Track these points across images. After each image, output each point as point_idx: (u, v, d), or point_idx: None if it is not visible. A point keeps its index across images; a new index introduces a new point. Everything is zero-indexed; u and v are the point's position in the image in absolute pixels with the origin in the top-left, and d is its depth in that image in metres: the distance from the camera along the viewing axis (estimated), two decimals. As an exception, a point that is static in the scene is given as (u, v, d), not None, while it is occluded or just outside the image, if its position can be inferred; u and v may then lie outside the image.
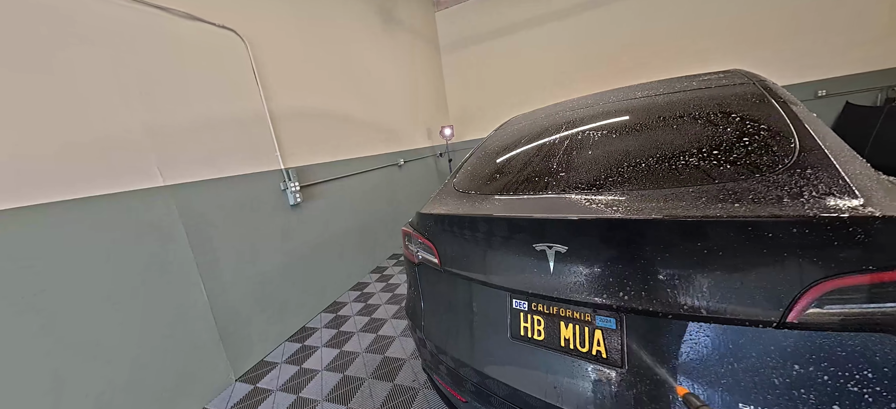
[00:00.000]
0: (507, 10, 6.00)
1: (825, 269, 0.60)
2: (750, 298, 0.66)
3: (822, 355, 0.63)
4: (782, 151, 0.84)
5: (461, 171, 1.46)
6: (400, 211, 4.68)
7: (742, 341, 0.68)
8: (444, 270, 1.15)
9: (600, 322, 0.82)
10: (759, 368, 0.67)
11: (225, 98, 2.31)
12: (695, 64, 5.03)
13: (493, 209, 1.04)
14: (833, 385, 0.62)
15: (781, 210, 0.66)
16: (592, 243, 0.81)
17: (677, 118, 1.09)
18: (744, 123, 0.97)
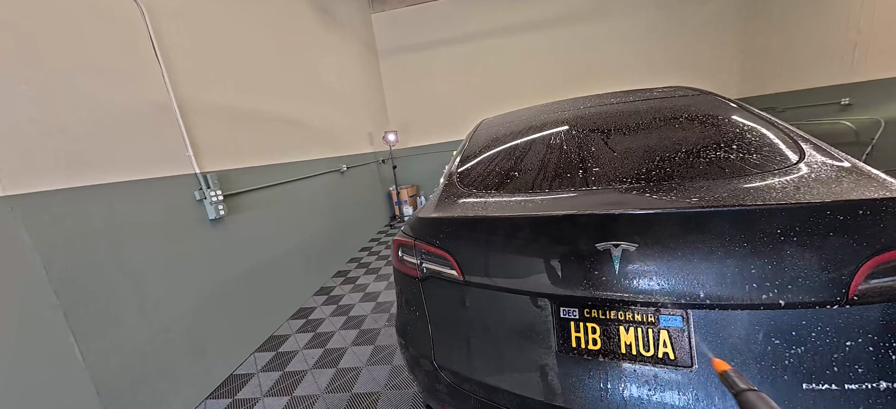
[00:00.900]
0: (447, 23, 6.12)
1: (875, 245, 0.65)
2: (816, 279, 0.67)
3: (881, 325, 0.66)
4: (792, 148, 0.94)
5: (464, 171, 1.30)
6: (345, 221, 4.21)
7: (805, 322, 0.69)
8: (466, 283, 0.97)
9: (665, 322, 0.77)
10: (823, 347, 0.68)
11: (108, 79, 1.68)
12: (624, 82, 5.85)
13: (531, 209, 0.92)
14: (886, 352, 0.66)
15: (828, 196, 0.70)
16: (666, 238, 0.75)
17: (686, 120, 1.17)
18: (745, 125, 1.09)
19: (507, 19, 5.98)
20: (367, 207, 5.09)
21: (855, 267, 0.65)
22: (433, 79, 6.37)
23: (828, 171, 0.82)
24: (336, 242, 3.91)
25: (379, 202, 5.66)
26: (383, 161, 5.83)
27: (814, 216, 0.68)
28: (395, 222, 5.74)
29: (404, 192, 5.90)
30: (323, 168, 3.79)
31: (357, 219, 4.64)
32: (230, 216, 2.32)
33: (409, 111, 6.56)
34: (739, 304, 0.71)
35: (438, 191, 1.29)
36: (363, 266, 3.85)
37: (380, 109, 6.27)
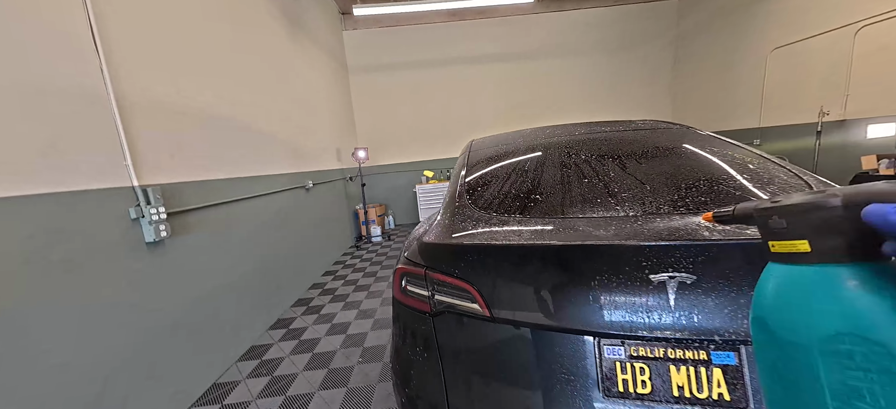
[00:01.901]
0: (417, 47, 6.22)
1: None
2: None
3: None
4: (792, 177, 1.01)
5: (476, 192, 1.19)
6: (308, 243, 3.84)
7: None
8: (493, 319, 0.85)
9: (718, 359, 0.72)
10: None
11: (25, 59, 1.33)
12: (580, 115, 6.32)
13: (571, 236, 0.84)
14: None
15: None
16: (724, 269, 0.71)
17: (691, 149, 1.20)
18: (746, 156, 1.15)
19: (475, 50, 6.27)
20: (331, 227, 4.74)
21: None
22: (403, 99, 6.36)
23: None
24: (297, 266, 3.53)
25: (344, 222, 5.32)
26: (351, 179, 5.53)
27: None
28: (362, 243, 5.41)
29: (372, 211, 5.62)
30: (286, 184, 3.45)
31: (321, 240, 4.28)
32: (174, 239, 1.95)
33: (378, 129, 6.41)
34: None
35: (444, 213, 1.16)
36: (328, 293, 3.50)
37: (348, 126, 6.03)
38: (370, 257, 4.65)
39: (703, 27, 5.70)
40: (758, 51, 4.80)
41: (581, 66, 6.38)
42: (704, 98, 5.86)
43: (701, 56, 5.84)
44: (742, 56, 5.06)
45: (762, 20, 4.71)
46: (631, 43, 6.35)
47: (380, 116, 6.37)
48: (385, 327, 2.65)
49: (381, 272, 3.96)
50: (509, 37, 6.25)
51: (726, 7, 5.22)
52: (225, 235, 2.42)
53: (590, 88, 6.44)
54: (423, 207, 6.15)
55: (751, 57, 4.92)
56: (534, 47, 6.29)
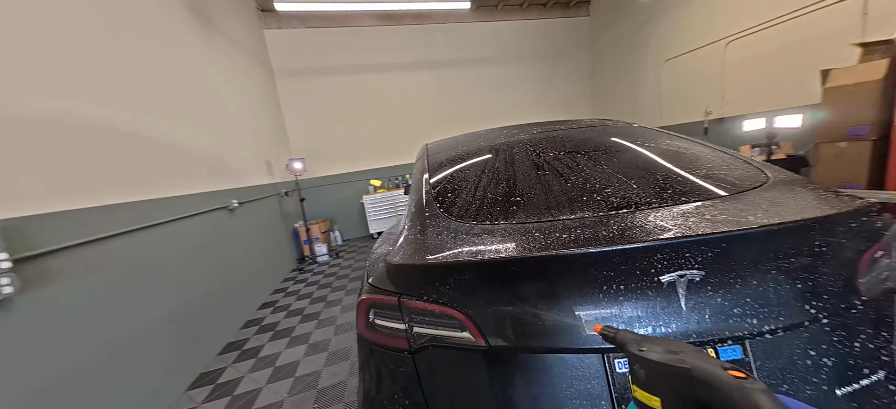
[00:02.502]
0: (353, 51, 5.92)
1: (870, 240, 0.74)
2: (839, 285, 0.71)
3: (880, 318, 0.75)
4: (752, 165, 1.06)
5: (448, 199, 1.05)
6: (237, 273, 3.25)
7: (831, 329, 0.70)
8: (490, 349, 0.72)
9: (725, 355, 0.70)
10: (846, 350, 0.71)
11: None
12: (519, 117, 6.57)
13: (567, 244, 0.73)
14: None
15: (825, 209, 0.75)
16: (730, 263, 0.69)
17: (652, 145, 1.24)
18: (703, 148, 1.21)
19: (413, 56, 6.17)
20: (267, 250, 4.12)
21: (856, 266, 0.72)
22: (340, 105, 5.94)
23: (789, 183, 0.91)
24: (224, 303, 2.94)
25: (282, 243, 4.69)
26: (287, 193, 4.92)
27: (840, 223, 0.72)
28: (306, 265, 4.83)
29: (316, 228, 5.08)
30: (202, 205, 2.85)
31: (254, 267, 3.67)
32: (28, 295, 1.39)
33: (314, 138, 5.85)
34: (789, 325, 0.69)
35: (413, 226, 0.99)
36: (267, 329, 2.98)
37: (279, 135, 5.39)
38: (317, 280, 4.15)
39: (613, 42, 6.46)
40: (655, 62, 5.57)
41: (513, 74, 6.71)
42: (617, 102, 6.62)
43: (612, 66, 6.59)
44: (643, 66, 5.82)
45: (657, 37, 5.47)
46: (556, 53, 6.90)
47: (315, 124, 5.83)
48: (341, 361, 2.31)
49: (333, 296, 3.53)
50: (446, 44, 6.28)
51: (628, 26, 5.98)
52: (114, 279, 1.85)
53: (522, 94, 6.80)
54: (373, 218, 5.77)
55: (650, 67, 5.68)
56: (470, 55, 6.42)
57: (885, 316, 0.75)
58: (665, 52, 5.34)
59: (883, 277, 0.75)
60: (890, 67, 2.75)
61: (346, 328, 2.75)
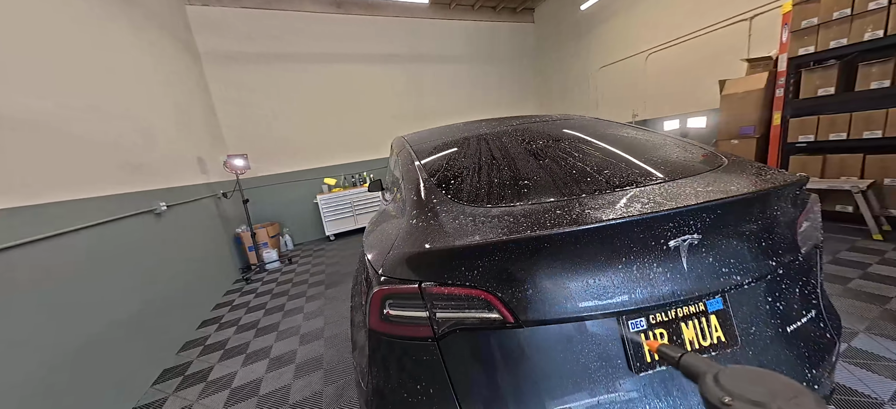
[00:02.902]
0: (297, 39, 5.44)
1: (801, 208, 0.92)
2: (788, 241, 0.87)
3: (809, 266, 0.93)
4: (712, 151, 1.20)
5: (452, 186, 1.07)
6: (170, 289, 2.74)
7: (783, 278, 0.86)
8: (519, 324, 0.74)
9: (711, 307, 0.80)
10: (790, 294, 0.88)
11: None
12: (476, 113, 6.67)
13: (581, 220, 0.77)
14: None
15: (772, 180, 0.90)
16: (719, 226, 0.79)
17: (624, 135, 1.36)
18: (667, 138, 1.34)
19: (365, 48, 5.87)
20: (204, 260, 3.56)
21: (795, 227, 0.88)
22: (285, 96, 5.38)
23: (741, 164, 1.05)
24: (156, 326, 2.45)
25: (223, 250, 4.10)
26: (226, 194, 4.31)
27: (783, 193, 0.87)
28: (253, 274, 4.29)
29: (263, 232, 4.55)
30: (125, 209, 2.35)
31: (190, 280, 3.13)
32: None
33: (257, 133, 5.24)
34: (756, 276, 0.82)
35: (418, 215, 0.96)
36: (214, 349, 2.56)
37: (211, 128, 4.70)
38: (269, 289, 3.70)
39: (554, 48, 6.94)
40: (589, 68, 6.15)
41: (467, 73, 6.78)
42: (559, 104, 7.17)
43: (553, 69, 7.10)
44: (581, 72, 6.38)
45: (591, 46, 6.04)
46: (505, 56, 7.16)
47: (255, 118, 5.20)
48: (312, 371, 2.07)
49: (292, 305, 3.18)
50: (402, 39, 6.10)
51: (567, 35, 6.49)
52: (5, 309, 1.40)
53: (476, 94, 6.90)
54: (330, 219, 5.36)
55: (585, 73, 6.26)
56: (425, 51, 6.34)
57: (812, 267, 0.92)
58: (599, 60, 5.90)
59: (810, 236, 0.92)
60: (769, 79, 3.37)
61: (313, 337, 2.49)
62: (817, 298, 0.93)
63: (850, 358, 1.56)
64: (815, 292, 0.93)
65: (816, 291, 0.93)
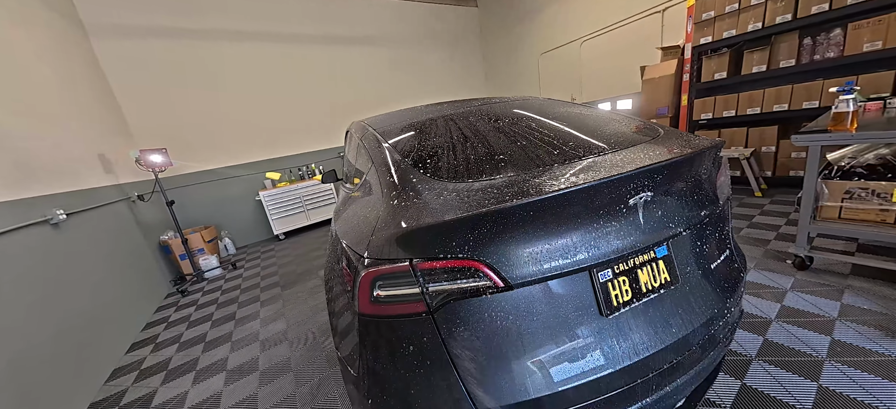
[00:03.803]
0: (214, 12, 4.71)
1: (718, 167, 1.10)
2: (712, 192, 1.06)
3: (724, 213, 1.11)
4: (650, 125, 1.36)
5: (428, 165, 1.08)
6: (81, 314, 2.31)
7: (709, 223, 1.04)
8: (509, 287, 0.80)
9: (660, 253, 0.93)
10: (714, 236, 1.07)
11: None
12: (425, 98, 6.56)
13: (551, 186, 0.84)
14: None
15: (701, 145, 1.06)
16: (665, 184, 0.92)
17: (578, 112, 1.49)
18: (614, 114, 1.50)
19: (306, 28, 5.35)
20: (123, 274, 3.04)
21: (714, 182, 1.07)
22: (205, 80, 4.65)
23: (675, 134, 1.23)
24: (70, 356, 2.06)
25: (147, 262, 3.55)
26: (142, 197, 3.69)
27: (708, 154, 1.03)
28: (189, 285, 3.79)
29: (196, 237, 4.02)
30: (8, 222, 1.88)
31: (107, 300, 2.67)
32: None
33: (174, 123, 4.50)
34: (690, 225, 0.97)
35: (397, 195, 0.97)
36: (153, 372, 2.24)
37: (111, 118, 3.94)
38: (213, 299, 3.33)
39: (498, 33, 7.10)
40: (533, 53, 6.44)
41: (414, 56, 6.57)
42: (505, 88, 7.39)
43: (499, 55, 7.26)
44: (524, 57, 6.65)
45: (533, 32, 6.31)
46: (452, 39, 7.10)
47: (173, 106, 4.45)
48: (280, 375, 1.95)
49: (243, 312, 2.91)
50: (338, 18, 5.64)
51: (510, 20, 6.67)
52: None
53: (421, 77, 6.73)
54: (277, 216, 4.93)
55: (530, 58, 6.54)
56: (364, 33, 5.94)
57: (726, 215, 1.13)
58: (541, 46, 6.21)
59: (724, 190, 1.12)
60: (678, 65, 3.93)
61: (276, 341, 2.32)
62: (730, 239, 1.15)
63: (746, 290, 1.97)
64: (729, 235, 1.14)
65: (729, 234, 1.15)
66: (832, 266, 2.05)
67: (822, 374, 1.37)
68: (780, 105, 3.19)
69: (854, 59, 2.75)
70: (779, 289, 1.93)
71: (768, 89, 3.23)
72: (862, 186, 1.79)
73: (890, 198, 1.73)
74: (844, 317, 1.64)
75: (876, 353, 1.42)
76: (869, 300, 1.72)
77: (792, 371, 1.41)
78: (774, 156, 3.38)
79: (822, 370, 1.39)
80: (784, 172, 3.37)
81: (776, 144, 3.33)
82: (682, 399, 1.04)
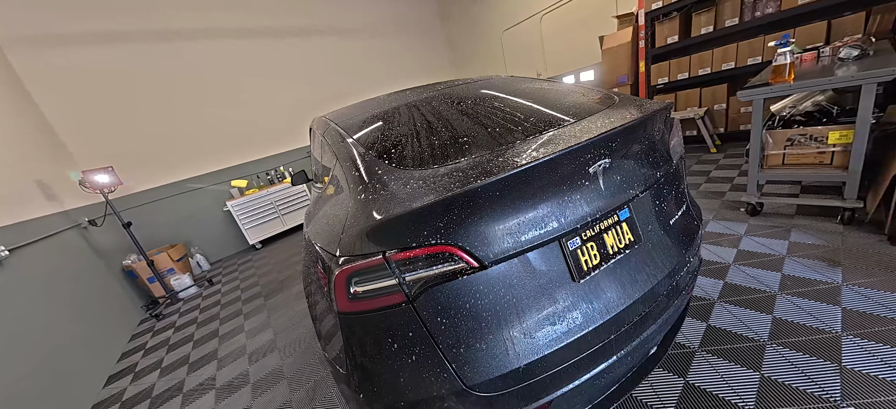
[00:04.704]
0: (141, 10, 4.28)
1: (670, 128, 1.16)
2: (665, 153, 1.11)
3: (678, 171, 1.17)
4: (605, 94, 1.40)
5: (393, 155, 1.06)
6: (45, 351, 2.15)
7: (664, 182, 1.11)
8: (483, 267, 0.81)
9: (622, 216, 0.99)
10: (670, 193, 1.14)
11: None
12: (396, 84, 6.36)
13: (513, 164, 0.85)
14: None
15: (651, 108, 1.12)
16: (622, 150, 0.97)
17: (538, 87, 1.51)
18: (571, 87, 1.52)
19: (249, 22, 4.98)
20: (85, 306, 2.83)
21: (667, 143, 1.13)
22: (158, 87, 4.33)
23: (629, 100, 1.28)
24: (40, 402, 1.92)
25: (112, 289, 3.32)
26: (94, 222, 3.41)
27: (658, 116, 1.09)
28: (163, 308, 3.60)
29: (163, 257, 3.79)
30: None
31: (73, 335, 2.49)
32: None
33: (122, 138, 4.13)
34: (648, 185, 1.03)
35: (365, 188, 0.95)
36: (136, 401, 2.15)
37: (42, 141, 3.58)
38: (192, 319, 3.18)
39: (458, 15, 6.97)
40: (496, 32, 6.39)
41: (370, 47, 6.30)
42: (473, 69, 7.30)
43: (464, 36, 7.13)
44: (488, 36, 6.59)
45: (494, 11, 6.25)
46: (411, 23, 6.85)
47: (114, 119, 4.06)
48: (274, 384, 1.93)
49: (226, 327, 2.81)
50: (290, 10, 5.30)
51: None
52: None
53: (384, 68, 6.51)
54: (250, 225, 4.71)
55: (494, 37, 6.49)
56: (319, 24, 5.64)
57: (681, 173, 1.20)
58: (502, 23, 6.17)
59: (677, 150, 1.19)
60: (633, 33, 4.05)
61: (265, 351, 2.28)
62: (685, 196, 1.22)
63: (705, 239, 2.14)
64: (684, 191, 1.22)
65: (684, 191, 1.23)
66: (780, 209, 2.26)
67: (775, 307, 1.53)
68: (727, 64, 3.39)
69: (791, 12, 2.95)
70: (735, 235, 2.11)
71: (716, 49, 3.42)
72: (801, 133, 1.96)
73: (826, 141, 1.91)
74: (792, 254, 1.83)
75: (820, 282, 1.60)
76: (813, 236, 1.92)
77: (750, 308, 1.56)
78: (726, 113, 3.62)
79: (775, 302, 1.55)
80: (735, 127, 3.62)
81: (726, 101, 3.56)
82: (654, 346, 1.14)
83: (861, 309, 1.41)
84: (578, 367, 0.90)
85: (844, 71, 1.76)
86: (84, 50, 3.86)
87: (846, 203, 1.89)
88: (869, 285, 1.51)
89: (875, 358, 1.21)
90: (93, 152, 3.94)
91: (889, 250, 1.68)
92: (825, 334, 1.34)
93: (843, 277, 1.59)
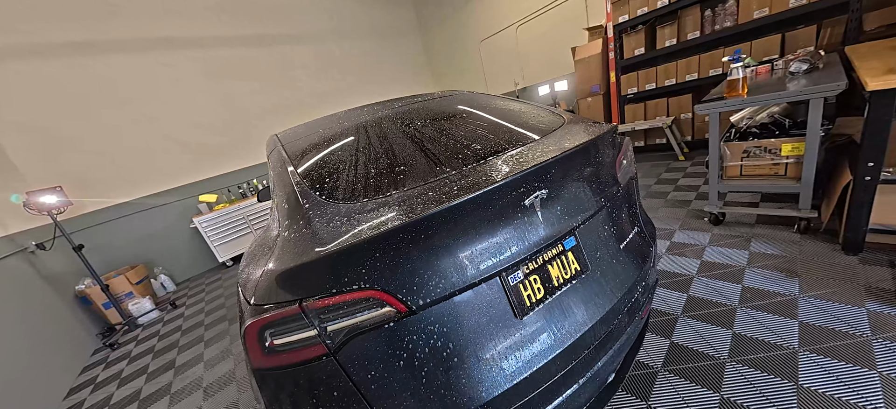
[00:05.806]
0: (89, 18, 4.11)
1: (619, 149, 1.14)
2: (612, 177, 1.08)
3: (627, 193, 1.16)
4: (556, 113, 1.36)
5: (326, 185, 0.97)
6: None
7: (610, 208, 1.08)
8: (412, 312, 0.74)
9: (567, 245, 0.95)
10: (617, 217, 1.10)
11: None
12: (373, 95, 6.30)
13: (444, 198, 0.79)
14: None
15: (601, 130, 1.10)
16: (560, 178, 0.92)
17: (500, 106, 1.45)
18: (524, 106, 1.48)
19: (213, 30, 4.86)
20: (32, 337, 2.61)
21: (615, 165, 1.10)
22: (113, 99, 4.12)
23: (576, 122, 1.24)
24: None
25: (61, 318, 3.08)
26: (42, 246, 3.17)
27: (601, 141, 1.06)
28: (120, 336, 3.36)
29: (121, 280, 3.57)
30: None
31: (15, 370, 2.28)
32: None
33: (71, 154, 3.86)
34: (595, 211, 1.00)
35: (293, 222, 0.87)
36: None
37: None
38: (150, 347, 2.98)
39: (436, 24, 7.00)
40: (474, 42, 6.45)
41: (346, 52, 6.23)
42: (452, 79, 7.34)
43: (442, 45, 7.17)
44: (466, 46, 6.63)
45: (472, 21, 6.30)
46: (385, 30, 6.81)
47: (61, 135, 3.77)
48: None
49: (184, 357, 2.64)
50: (258, 17, 5.18)
51: (448, 9, 6.59)
52: None
53: (356, 74, 6.41)
54: (220, 242, 4.50)
55: (471, 46, 6.55)
56: (288, 31, 5.51)
57: (631, 193, 1.18)
58: (480, 33, 6.23)
59: (628, 170, 1.17)
60: (603, 45, 4.14)
61: (222, 384, 2.14)
62: (637, 216, 1.19)
63: (671, 250, 2.15)
64: (636, 212, 1.19)
65: (636, 211, 1.19)
66: (741, 218, 2.30)
67: (735, 321, 1.53)
68: (690, 75, 3.50)
69: (747, 26, 3.06)
70: (698, 246, 2.13)
71: (680, 61, 3.53)
72: (756, 145, 2.01)
73: (779, 153, 1.96)
74: (752, 264, 1.85)
75: (778, 294, 1.62)
76: (771, 245, 1.96)
77: (712, 322, 1.56)
78: (692, 121, 3.72)
79: (735, 317, 1.55)
80: (701, 135, 3.72)
81: (692, 110, 3.66)
82: (612, 374, 1.09)
83: (817, 322, 1.42)
84: (529, 407, 0.84)
85: (794, 85, 1.81)
86: (26, 63, 3.63)
87: (801, 213, 1.93)
88: (824, 297, 1.53)
89: (829, 375, 1.21)
90: (46, 172, 3.68)
91: (843, 259, 1.72)
92: (783, 351, 1.34)
93: (800, 288, 1.61)
